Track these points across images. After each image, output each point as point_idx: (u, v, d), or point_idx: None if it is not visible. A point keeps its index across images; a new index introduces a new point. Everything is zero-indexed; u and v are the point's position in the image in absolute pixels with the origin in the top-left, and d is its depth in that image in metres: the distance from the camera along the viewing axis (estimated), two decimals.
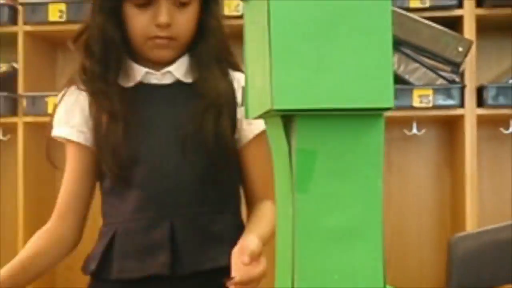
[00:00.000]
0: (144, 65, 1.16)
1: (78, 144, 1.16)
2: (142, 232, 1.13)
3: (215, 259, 1.11)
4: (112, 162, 1.12)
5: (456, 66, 2.08)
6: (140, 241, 1.13)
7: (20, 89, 2.30)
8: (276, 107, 0.57)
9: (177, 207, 1.13)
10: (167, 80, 1.17)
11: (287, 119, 0.61)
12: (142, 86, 1.17)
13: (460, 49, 2.05)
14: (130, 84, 1.16)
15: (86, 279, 1.22)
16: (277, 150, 0.66)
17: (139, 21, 1.12)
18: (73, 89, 1.19)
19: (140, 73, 1.16)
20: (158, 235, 1.11)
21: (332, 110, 0.58)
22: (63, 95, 1.19)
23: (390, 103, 0.58)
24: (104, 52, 1.13)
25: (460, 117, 2.12)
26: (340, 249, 0.62)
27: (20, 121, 2.30)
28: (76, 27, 1.22)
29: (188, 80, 1.17)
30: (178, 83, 1.17)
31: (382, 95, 0.58)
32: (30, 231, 2.32)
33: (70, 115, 1.16)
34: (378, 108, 0.59)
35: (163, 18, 1.09)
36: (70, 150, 1.18)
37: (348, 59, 0.58)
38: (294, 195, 0.60)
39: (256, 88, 0.65)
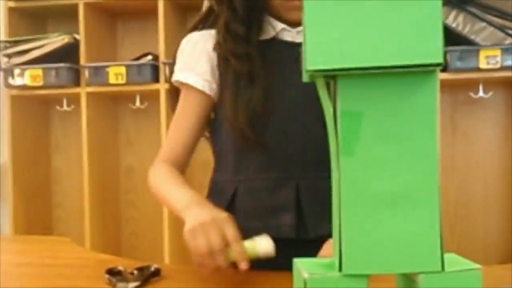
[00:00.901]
0: (280, 20, 1.14)
1: (201, 92, 1.14)
2: (267, 192, 1.10)
3: None
4: (246, 121, 1.08)
5: None
6: (264, 202, 1.10)
7: (82, 60, 2.35)
8: (309, 67, 0.54)
9: (302, 169, 1.10)
10: (301, 39, 1.15)
11: (332, 80, 0.58)
12: (275, 41, 1.14)
13: None
14: (264, 37, 1.14)
15: None
16: (326, 113, 0.64)
17: None
18: (197, 36, 1.17)
19: (276, 28, 1.14)
20: (284, 197, 1.08)
21: (375, 68, 0.55)
22: (188, 42, 1.17)
23: (439, 58, 0.54)
24: (248, 12, 1.11)
25: None
26: (391, 215, 0.59)
27: (83, 91, 2.35)
28: None
29: None
30: None
31: (431, 50, 0.54)
32: (94, 200, 2.39)
33: (197, 63, 1.14)
34: (426, 64, 0.55)
35: None
36: (191, 97, 1.16)
37: (391, 11, 0.54)
38: (340, 158, 0.58)
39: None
